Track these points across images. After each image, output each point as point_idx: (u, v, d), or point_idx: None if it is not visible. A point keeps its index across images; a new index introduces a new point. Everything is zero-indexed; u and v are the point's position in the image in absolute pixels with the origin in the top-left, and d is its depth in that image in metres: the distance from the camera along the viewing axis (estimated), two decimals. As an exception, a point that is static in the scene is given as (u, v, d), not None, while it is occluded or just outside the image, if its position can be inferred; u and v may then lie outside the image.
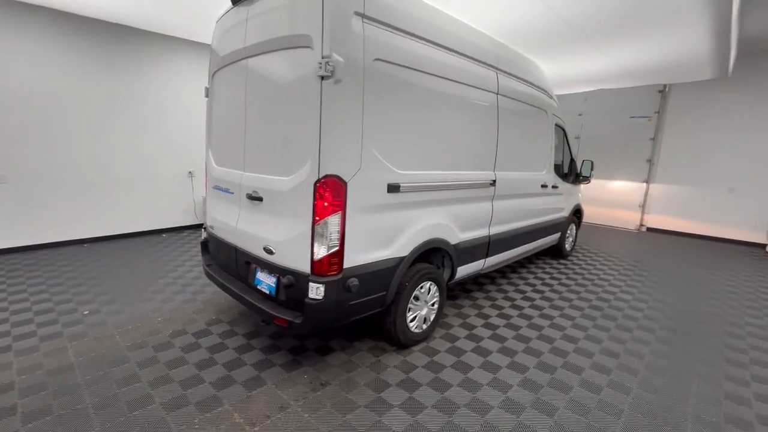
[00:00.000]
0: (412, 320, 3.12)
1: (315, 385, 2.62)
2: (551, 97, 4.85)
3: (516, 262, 5.72)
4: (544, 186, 4.76)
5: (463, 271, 3.65)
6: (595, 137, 9.36)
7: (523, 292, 4.51)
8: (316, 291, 2.37)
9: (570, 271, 5.42)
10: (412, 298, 3.06)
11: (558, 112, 5.09)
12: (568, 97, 9.49)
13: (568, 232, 6.00)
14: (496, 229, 3.97)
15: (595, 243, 7.35)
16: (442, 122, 3.04)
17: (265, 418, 2.27)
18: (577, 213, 6.22)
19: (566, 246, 6.02)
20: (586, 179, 5.81)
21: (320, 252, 2.35)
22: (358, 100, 2.35)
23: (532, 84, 4.30)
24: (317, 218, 2.31)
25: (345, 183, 2.35)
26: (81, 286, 4.18)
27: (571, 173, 5.73)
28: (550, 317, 3.85)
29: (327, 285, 2.38)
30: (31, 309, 3.60)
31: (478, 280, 4.81)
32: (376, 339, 3.26)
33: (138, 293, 4.03)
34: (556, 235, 5.61)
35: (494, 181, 3.75)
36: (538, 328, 3.60)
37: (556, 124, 5.03)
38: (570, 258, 6.15)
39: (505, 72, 3.79)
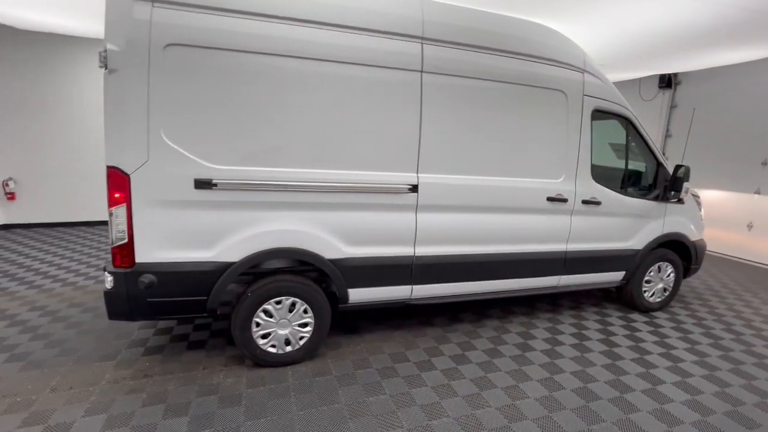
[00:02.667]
0: (264, 337, 2.75)
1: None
2: (580, 71, 3.29)
3: (560, 298, 4.18)
4: (555, 199, 3.30)
5: (364, 295, 2.96)
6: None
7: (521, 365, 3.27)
8: (107, 281, 2.40)
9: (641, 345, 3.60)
10: (260, 311, 2.70)
11: (606, 93, 3.42)
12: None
13: (652, 274, 3.97)
14: (429, 250, 3.03)
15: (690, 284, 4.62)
16: (292, 111, 2.53)
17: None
18: (676, 248, 4.04)
19: (645, 294, 4.00)
20: (676, 195, 3.70)
21: (112, 243, 2.36)
22: (142, 89, 2.23)
23: (519, 55, 3.03)
24: (108, 209, 2.34)
25: (127, 175, 2.28)
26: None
27: (656, 185, 3.78)
28: None
29: (115, 276, 2.38)
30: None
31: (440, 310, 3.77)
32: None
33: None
34: (613, 275, 3.80)
35: (415, 186, 2.87)
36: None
37: (597, 110, 3.41)
38: (654, 315, 4.06)
39: (445, 42, 2.80)
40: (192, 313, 2.61)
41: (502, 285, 3.38)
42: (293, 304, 2.78)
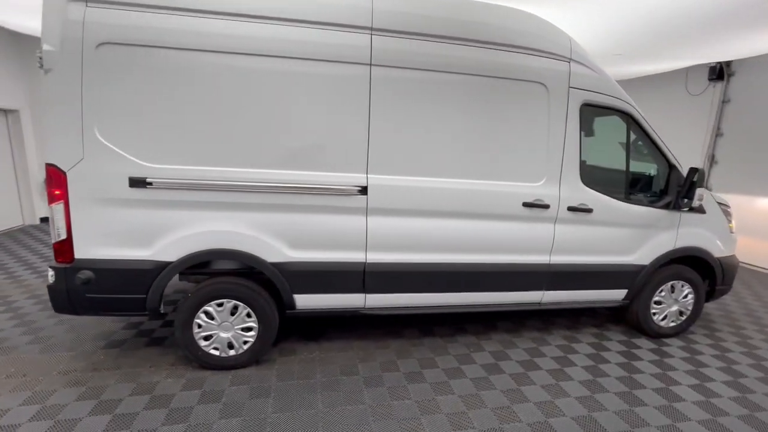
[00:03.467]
0: (206, 339, 2.71)
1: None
2: (565, 60, 2.86)
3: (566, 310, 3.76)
4: (533, 205, 2.93)
5: (312, 302, 2.81)
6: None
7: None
8: (49, 275, 2.48)
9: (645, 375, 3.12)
10: (201, 313, 2.66)
11: (599, 85, 2.97)
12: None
13: (663, 294, 3.42)
14: (383, 257, 2.81)
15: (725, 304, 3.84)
16: (229, 109, 2.44)
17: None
18: (697, 265, 3.45)
19: (655, 317, 3.46)
20: (687, 203, 3.13)
21: (54, 238, 2.43)
22: (76, 88, 2.26)
23: (487, 44, 2.70)
24: (48, 205, 2.41)
25: (64, 172, 2.33)
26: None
27: (667, 191, 3.25)
28: None
29: (56, 272, 2.44)
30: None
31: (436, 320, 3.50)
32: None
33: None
34: (612, 293, 3.33)
35: (365, 187, 2.67)
36: None
37: (587, 105, 2.98)
38: (665, 341, 3.50)
39: (396, 32, 2.58)
40: (131, 310, 2.62)
41: (472, 299, 3.07)
42: (235, 307, 2.71)
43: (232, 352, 2.77)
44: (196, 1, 2.32)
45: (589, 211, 3.06)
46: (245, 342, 2.78)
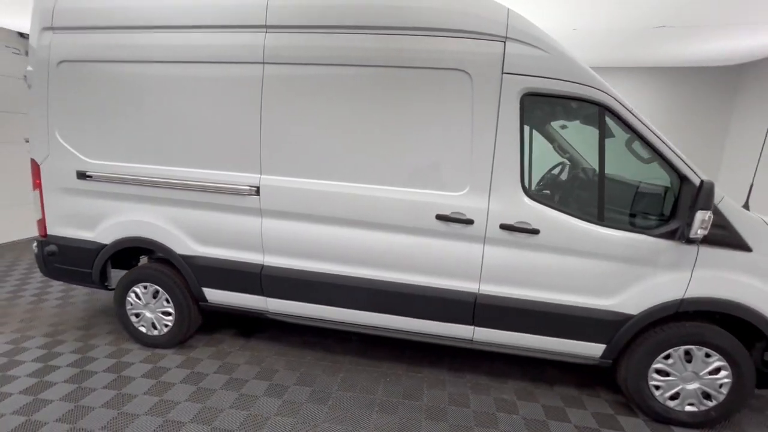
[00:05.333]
0: (137, 317, 3.06)
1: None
2: (499, 39, 2.24)
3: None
4: (450, 219, 2.39)
5: (220, 297, 2.88)
6: None
7: None
8: (33, 246, 3.15)
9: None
10: (131, 292, 3.02)
11: (550, 68, 2.21)
12: None
13: (670, 362, 2.37)
14: (279, 261, 2.70)
15: None
16: (148, 111, 2.68)
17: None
18: (736, 327, 2.28)
19: (658, 395, 2.41)
20: (686, 234, 2.05)
21: (36, 217, 3.09)
22: (43, 99, 2.84)
23: (393, 29, 2.30)
24: (32, 191, 3.07)
25: (38, 165, 2.94)
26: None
27: (676, 212, 2.26)
28: None
29: (38, 243, 3.10)
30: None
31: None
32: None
33: None
34: (582, 346, 2.46)
35: (258, 188, 2.60)
36: None
37: (532, 94, 2.27)
38: None
39: (289, 27, 2.44)
40: (85, 282, 3.13)
41: (383, 320, 2.68)
42: (157, 292, 2.98)
43: (155, 332, 3.06)
44: (124, 18, 2.67)
45: (534, 232, 2.35)
46: (166, 325, 3.03)
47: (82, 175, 2.87)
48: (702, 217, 1.99)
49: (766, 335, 2.24)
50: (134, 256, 3.21)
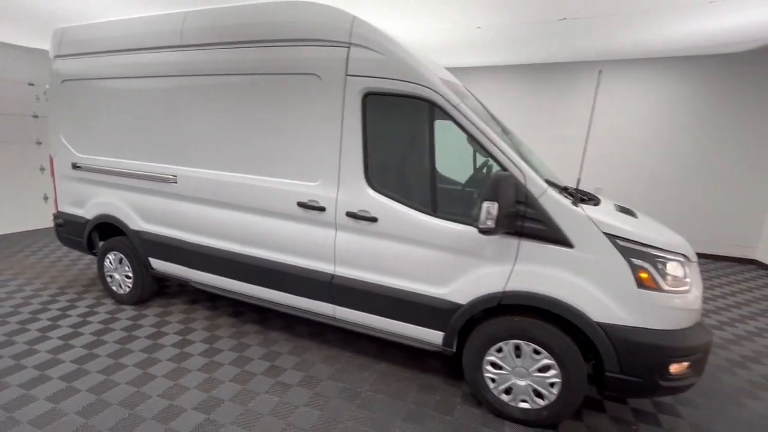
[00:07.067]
0: (110, 278, 3.90)
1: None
2: (343, 45, 2.52)
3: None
4: (308, 206, 2.70)
5: (162, 266, 3.57)
6: None
7: None
8: (51, 218, 4.19)
9: None
10: (105, 258, 3.87)
11: (387, 69, 2.41)
12: None
13: (501, 356, 2.37)
14: (194, 238, 3.28)
15: None
16: (111, 114, 3.48)
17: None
18: (569, 326, 2.21)
19: (493, 388, 2.42)
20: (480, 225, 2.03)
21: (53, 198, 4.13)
22: (54, 109, 3.83)
23: (264, 42, 2.69)
24: (51, 178, 4.11)
25: (52, 158, 3.95)
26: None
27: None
28: None
29: (54, 216, 4.13)
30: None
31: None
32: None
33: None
34: (423, 332, 2.58)
35: (175, 176, 3.21)
36: None
37: (372, 93, 2.48)
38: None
39: (195, 45, 2.98)
40: (80, 249, 4.07)
41: (262, 293, 3.10)
42: (122, 259, 3.78)
43: (122, 291, 3.86)
44: (97, 46, 3.51)
45: (373, 220, 2.56)
46: (128, 286, 3.81)
47: (74, 166, 3.79)
48: (486, 207, 2.04)
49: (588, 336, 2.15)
50: (118, 231, 4.09)
